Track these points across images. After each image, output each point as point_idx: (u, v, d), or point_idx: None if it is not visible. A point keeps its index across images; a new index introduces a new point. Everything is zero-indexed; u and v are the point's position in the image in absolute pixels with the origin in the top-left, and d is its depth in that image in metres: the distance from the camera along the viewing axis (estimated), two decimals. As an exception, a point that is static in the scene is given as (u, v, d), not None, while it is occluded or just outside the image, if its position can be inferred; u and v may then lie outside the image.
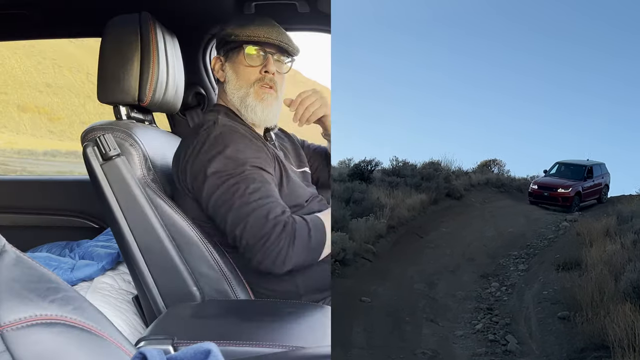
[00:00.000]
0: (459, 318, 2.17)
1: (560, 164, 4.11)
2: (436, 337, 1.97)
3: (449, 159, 4.21)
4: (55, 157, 12.01)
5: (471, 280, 2.57)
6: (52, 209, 2.46)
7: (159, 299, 1.42)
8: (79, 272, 1.76)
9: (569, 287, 2.20)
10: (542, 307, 2.23)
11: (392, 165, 3.79)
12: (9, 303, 0.63)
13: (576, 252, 2.67)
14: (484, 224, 3.52)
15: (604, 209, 3.65)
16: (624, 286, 2.03)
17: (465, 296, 2.39)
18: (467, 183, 4.17)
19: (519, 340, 1.96)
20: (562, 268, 2.55)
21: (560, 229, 3.42)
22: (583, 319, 1.93)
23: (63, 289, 0.69)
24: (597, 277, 2.17)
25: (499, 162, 4.89)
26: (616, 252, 2.44)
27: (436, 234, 3.17)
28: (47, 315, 0.64)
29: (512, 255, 2.97)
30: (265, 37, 1.52)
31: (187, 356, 0.54)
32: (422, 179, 3.74)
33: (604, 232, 2.87)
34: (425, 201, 3.45)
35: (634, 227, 2.78)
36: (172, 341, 1.06)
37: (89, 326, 0.67)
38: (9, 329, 0.62)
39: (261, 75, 1.53)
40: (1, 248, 0.69)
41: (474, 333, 2.04)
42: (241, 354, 1.02)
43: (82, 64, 16.86)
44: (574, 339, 1.89)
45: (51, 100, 16.66)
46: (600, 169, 4.11)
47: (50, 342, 0.63)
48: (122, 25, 1.48)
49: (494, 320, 2.14)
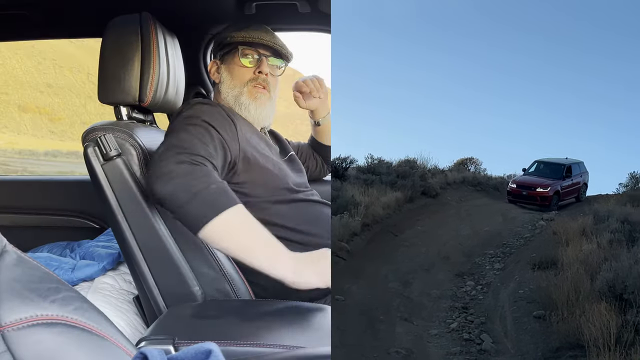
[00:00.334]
0: (434, 317, 2.15)
1: (539, 162, 4.10)
2: (410, 336, 1.95)
3: (425, 157, 4.18)
4: (56, 158, 12.03)
5: (446, 279, 2.55)
6: (53, 209, 2.46)
7: (160, 299, 1.42)
8: (79, 272, 1.76)
9: (544, 286, 2.19)
10: (517, 306, 2.21)
11: (367, 163, 3.77)
12: (10, 303, 0.63)
13: (552, 251, 2.65)
14: (459, 222, 3.48)
15: (580, 208, 3.63)
16: (600, 285, 2.02)
17: (440, 295, 2.37)
18: (443, 181, 4.13)
19: (494, 339, 1.95)
20: (538, 267, 2.53)
21: (536, 227, 3.40)
22: (558, 318, 1.92)
23: (64, 289, 0.70)
24: (573, 276, 2.16)
25: (476, 161, 4.86)
26: (592, 251, 2.43)
27: (411, 232, 3.13)
28: (48, 315, 0.65)
29: (487, 254, 2.95)
30: (259, 39, 1.57)
31: (188, 356, 0.54)
32: (397, 177, 3.71)
33: (581, 232, 2.86)
34: (401, 199, 3.41)
35: (611, 226, 2.77)
36: (172, 341, 1.06)
37: (90, 326, 0.67)
38: (10, 329, 0.62)
39: (255, 75, 1.58)
40: (2, 248, 0.69)
41: (449, 332, 2.02)
42: (242, 354, 1.02)
43: (82, 64, 16.88)
44: (549, 338, 1.88)
45: (52, 101, 16.67)
46: (579, 168, 4.10)
47: (51, 342, 0.63)
48: (122, 25, 1.48)
49: (469, 319, 2.12)
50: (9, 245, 0.71)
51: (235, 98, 1.58)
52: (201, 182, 1.24)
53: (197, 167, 1.27)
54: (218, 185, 1.26)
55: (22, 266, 0.69)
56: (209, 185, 1.24)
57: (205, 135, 1.37)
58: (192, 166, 1.27)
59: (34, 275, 0.69)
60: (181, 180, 1.23)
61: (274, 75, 1.62)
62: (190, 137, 1.35)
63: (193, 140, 1.34)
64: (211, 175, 1.28)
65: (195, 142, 1.34)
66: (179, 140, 1.33)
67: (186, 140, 1.33)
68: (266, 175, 1.50)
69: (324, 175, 2.01)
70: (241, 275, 1.45)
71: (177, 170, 1.25)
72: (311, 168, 1.94)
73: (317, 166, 1.97)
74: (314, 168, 1.96)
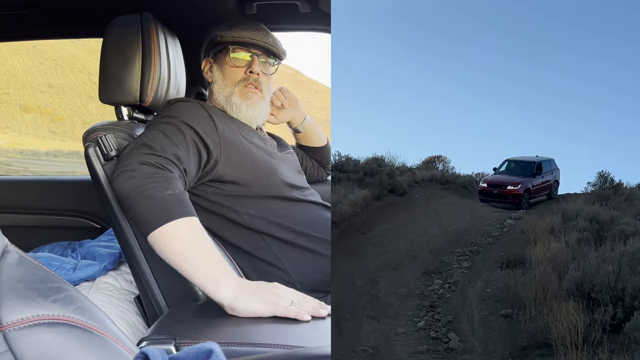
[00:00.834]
0: (401, 315, 2.15)
1: (509, 161, 4.10)
2: (377, 334, 1.94)
3: (393, 155, 4.16)
4: (58, 158, 12.05)
5: (414, 277, 2.55)
6: (55, 209, 2.47)
7: (161, 299, 1.42)
8: (81, 272, 1.76)
9: (512, 285, 2.20)
10: (485, 304, 2.21)
11: (334, 160, 3.75)
12: (11, 303, 0.64)
13: (520, 249, 2.66)
14: (427, 220, 3.48)
15: (549, 207, 3.62)
16: (568, 284, 2.03)
17: (408, 293, 2.36)
18: (411, 179, 4.11)
19: (461, 337, 1.94)
20: (506, 266, 2.54)
21: (504, 226, 3.40)
22: (526, 316, 1.92)
23: (65, 289, 0.70)
24: (540, 275, 2.16)
25: (444, 159, 4.84)
26: (560, 250, 2.43)
27: (379, 230, 3.11)
28: (50, 315, 0.65)
29: (455, 252, 2.94)
30: (250, 39, 1.56)
31: (189, 356, 0.54)
32: (365, 175, 3.69)
33: (549, 230, 2.87)
34: (368, 197, 3.39)
35: (579, 225, 2.78)
36: (174, 341, 1.06)
37: (91, 326, 0.68)
38: (11, 329, 0.62)
39: (246, 75, 1.57)
40: (4, 248, 0.70)
41: (416, 330, 2.01)
42: (243, 353, 1.02)
43: (83, 64, 16.90)
44: (516, 337, 1.88)
45: (53, 101, 16.69)
46: (549, 165, 4.09)
47: (53, 342, 0.63)
48: (123, 25, 1.48)
49: (436, 318, 2.12)
50: (10, 245, 0.71)
51: (226, 98, 1.57)
52: (158, 187, 1.21)
53: (158, 170, 1.25)
54: (175, 193, 1.22)
55: (24, 266, 0.69)
56: (165, 191, 1.21)
57: (178, 135, 1.36)
58: (153, 168, 1.24)
59: (35, 275, 0.69)
60: (138, 181, 1.21)
61: (266, 74, 1.61)
62: (161, 137, 1.34)
63: (163, 141, 1.32)
64: (171, 181, 1.24)
65: (165, 143, 1.31)
66: (150, 139, 1.32)
67: (156, 140, 1.32)
68: (257, 167, 1.49)
69: (322, 177, 2.01)
70: (242, 275, 1.45)
71: (138, 169, 1.23)
72: (309, 170, 1.94)
73: (314, 168, 1.97)
74: (312, 170, 1.96)
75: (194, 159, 1.37)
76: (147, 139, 1.33)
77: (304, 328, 1.16)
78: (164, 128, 1.37)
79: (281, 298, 1.17)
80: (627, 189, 3.75)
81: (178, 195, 1.22)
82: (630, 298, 1.88)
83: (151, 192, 1.20)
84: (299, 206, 1.54)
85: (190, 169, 1.35)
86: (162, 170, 1.25)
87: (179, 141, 1.35)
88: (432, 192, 4.15)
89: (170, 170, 1.27)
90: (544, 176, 4.01)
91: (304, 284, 1.47)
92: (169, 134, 1.35)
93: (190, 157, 1.36)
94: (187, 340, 1.07)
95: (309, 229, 1.50)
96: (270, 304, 1.16)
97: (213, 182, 1.45)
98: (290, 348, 1.04)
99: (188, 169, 1.34)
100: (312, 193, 1.63)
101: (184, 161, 1.32)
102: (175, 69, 1.60)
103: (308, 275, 1.48)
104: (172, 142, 1.33)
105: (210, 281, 1.18)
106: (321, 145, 1.94)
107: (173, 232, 1.18)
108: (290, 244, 1.48)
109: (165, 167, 1.26)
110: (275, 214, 1.48)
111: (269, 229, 1.47)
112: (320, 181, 2.00)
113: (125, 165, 1.26)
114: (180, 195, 1.23)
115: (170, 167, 1.27)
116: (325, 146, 1.95)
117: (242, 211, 1.46)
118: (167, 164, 1.27)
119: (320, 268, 1.49)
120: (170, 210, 1.19)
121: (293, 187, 1.56)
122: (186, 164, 1.33)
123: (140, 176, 1.22)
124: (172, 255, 1.19)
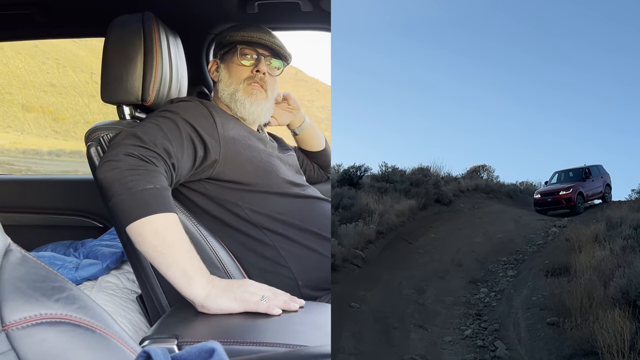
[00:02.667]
0: (448, 324, 2.15)
1: (558, 172, 4.17)
2: (425, 343, 1.94)
3: (438, 165, 4.20)
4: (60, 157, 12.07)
5: (460, 286, 2.55)
6: (57, 208, 2.47)
7: (163, 298, 1.42)
8: (83, 272, 1.77)
9: (557, 293, 2.19)
10: (531, 312, 2.20)
11: (381, 171, 3.79)
12: (14, 302, 0.64)
13: (565, 257, 2.65)
14: (473, 229, 3.48)
15: (593, 215, 3.62)
16: (613, 292, 2.01)
17: (454, 302, 2.37)
18: (456, 189, 4.15)
19: (507, 346, 1.94)
20: (551, 274, 2.53)
21: (549, 234, 3.39)
22: (572, 324, 1.91)
23: (68, 288, 0.70)
24: (586, 282, 2.15)
25: (488, 168, 4.88)
26: (605, 258, 2.41)
27: (425, 239, 3.13)
28: (52, 314, 0.65)
29: (501, 261, 2.94)
30: (258, 38, 1.58)
31: (191, 355, 0.54)
32: (411, 185, 3.72)
33: (593, 238, 2.84)
34: (414, 207, 3.42)
35: (623, 233, 2.76)
36: (176, 340, 1.06)
37: (94, 325, 0.68)
38: (14, 328, 0.62)
39: (252, 74, 1.59)
40: (6, 247, 0.70)
41: (463, 339, 2.02)
42: (245, 352, 1.03)
43: (86, 63, 16.91)
44: (562, 345, 1.87)
45: (55, 100, 16.71)
46: (598, 170, 4.13)
47: (55, 341, 0.64)
48: (125, 25, 1.48)
49: (482, 326, 2.12)
50: (13, 245, 0.71)
51: (231, 95, 1.58)
52: (140, 180, 1.20)
53: (143, 164, 1.23)
54: (156, 187, 1.21)
55: (26, 265, 0.69)
56: (147, 185, 1.20)
57: (172, 130, 1.35)
58: (139, 161, 1.24)
59: (38, 274, 0.69)
60: (121, 172, 1.21)
61: (272, 75, 1.63)
62: (154, 129, 1.33)
63: (156, 134, 1.31)
64: (154, 175, 1.23)
65: (157, 136, 1.31)
66: (142, 131, 1.31)
67: (148, 133, 1.31)
68: (257, 167, 1.49)
69: (322, 179, 2.01)
70: (244, 274, 1.45)
71: (123, 160, 1.22)
72: (309, 172, 1.94)
73: (314, 171, 1.97)
74: (312, 173, 1.96)
75: (188, 154, 1.37)
76: (140, 130, 1.32)
77: (305, 327, 1.16)
78: (159, 121, 1.37)
79: (252, 294, 1.20)
80: (672, 196, 3.72)
81: (159, 190, 1.22)
82: (676, 305, 1.87)
83: (132, 184, 1.19)
84: (300, 202, 1.54)
85: (181, 165, 1.34)
86: (146, 163, 1.24)
87: (173, 135, 1.34)
88: (477, 201, 4.19)
89: (155, 164, 1.26)
90: (595, 180, 4.05)
91: (306, 283, 1.47)
92: (164, 127, 1.35)
93: (184, 153, 1.35)
94: (190, 339, 1.07)
95: (312, 225, 1.51)
96: (240, 301, 1.19)
97: (212, 179, 1.45)
98: (292, 347, 1.04)
99: (178, 164, 1.33)
100: (311, 188, 1.64)
101: (174, 156, 1.31)
102: (177, 69, 1.60)
103: (311, 273, 1.48)
104: (165, 136, 1.32)
105: (182, 277, 1.19)
106: (319, 149, 1.94)
107: (149, 226, 1.19)
108: (294, 242, 1.48)
109: (150, 160, 1.25)
110: (278, 210, 1.49)
111: (272, 225, 1.47)
112: (320, 182, 2.00)
113: (111, 155, 1.25)
114: (161, 190, 1.23)
115: (156, 160, 1.27)
116: (324, 150, 1.95)
117: (245, 206, 1.46)
118: (153, 157, 1.26)
119: (322, 267, 1.49)
120: (149, 205, 1.19)
121: (293, 184, 1.56)
122: (177, 159, 1.32)
123: (123, 167, 1.21)
124: (147, 248, 1.20)
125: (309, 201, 1.56)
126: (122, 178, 1.20)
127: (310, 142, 1.92)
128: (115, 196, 1.20)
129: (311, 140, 1.91)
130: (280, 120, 1.82)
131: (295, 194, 1.54)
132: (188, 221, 1.41)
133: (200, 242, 1.40)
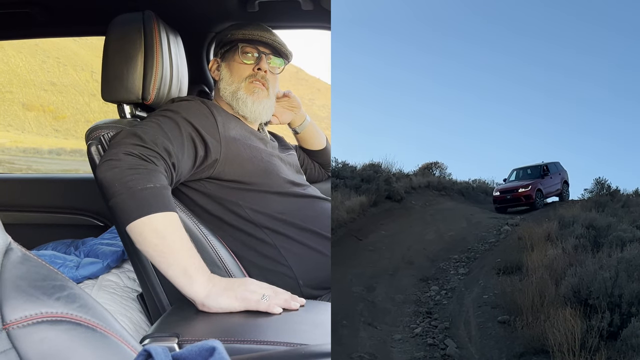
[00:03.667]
0: (398, 322, 2.13)
1: (516, 170, 4.20)
2: (374, 341, 1.92)
3: (390, 161, 4.17)
4: (60, 156, 12.07)
5: (410, 284, 2.53)
6: (57, 207, 2.47)
7: (164, 297, 1.43)
8: (84, 270, 1.77)
9: (509, 292, 2.19)
10: (482, 311, 2.20)
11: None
12: (15, 301, 0.64)
13: (517, 256, 2.65)
14: (424, 227, 3.45)
15: (545, 214, 3.63)
16: (565, 291, 2.02)
17: (405, 300, 2.34)
18: (408, 185, 4.12)
19: (458, 344, 1.93)
20: (502, 272, 2.53)
21: (501, 232, 3.39)
22: (523, 323, 1.91)
23: (69, 287, 0.70)
24: (537, 281, 2.15)
25: (441, 165, 4.87)
26: (557, 256, 2.41)
27: (375, 236, 3.10)
28: (53, 312, 0.65)
29: (452, 258, 2.92)
30: (259, 36, 1.59)
31: (191, 354, 0.54)
32: (361, 181, 3.68)
33: (546, 237, 2.85)
34: (365, 203, 3.38)
35: (575, 232, 2.77)
36: (177, 339, 1.06)
37: (95, 324, 0.68)
38: (15, 326, 0.62)
39: (254, 72, 1.59)
40: (7, 246, 0.70)
41: (413, 337, 2.00)
42: (245, 351, 1.03)
43: (86, 62, 16.90)
44: (513, 343, 1.87)
45: (56, 99, 16.71)
46: (556, 167, 4.16)
47: (56, 340, 0.64)
48: (125, 24, 1.48)
49: (433, 324, 2.10)
50: (13, 243, 0.71)
51: (232, 93, 1.58)
52: (141, 179, 1.20)
53: (143, 163, 1.23)
54: (155, 187, 1.21)
55: (27, 264, 0.69)
56: (147, 184, 1.20)
57: (173, 129, 1.35)
58: (139, 160, 1.23)
59: (38, 273, 0.69)
60: (121, 172, 1.20)
61: (273, 74, 1.63)
62: (155, 129, 1.33)
63: (156, 133, 1.31)
64: (154, 175, 1.23)
65: (158, 136, 1.30)
66: (142, 131, 1.31)
67: (148, 132, 1.31)
68: (257, 167, 1.49)
69: (322, 177, 2.01)
70: (244, 272, 1.45)
71: (123, 159, 1.22)
72: (310, 171, 1.94)
73: (314, 170, 1.97)
74: (313, 171, 1.96)
75: (189, 154, 1.37)
76: (140, 129, 1.32)
77: (306, 326, 1.16)
78: (160, 120, 1.37)
79: (252, 293, 1.20)
80: (624, 195, 3.75)
81: (159, 190, 1.22)
82: (627, 304, 1.87)
83: (132, 184, 1.19)
84: (301, 201, 1.54)
85: (182, 164, 1.34)
86: (146, 163, 1.24)
87: (174, 135, 1.34)
88: (428, 198, 4.16)
89: (155, 163, 1.26)
90: (553, 177, 4.07)
91: (307, 282, 1.47)
92: (164, 126, 1.35)
93: (184, 152, 1.35)
94: (190, 338, 1.07)
95: (313, 225, 1.51)
96: (241, 300, 1.19)
97: (212, 179, 1.45)
98: (292, 345, 1.04)
99: (179, 163, 1.33)
100: (311, 188, 1.64)
101: (174, 155, 1.31)
102: (177, 67, 1.60)
103: (311, 272, 1.48)
104: (165, 135, 1.32)
105: (182, 276, 1.19)
106: (320, 148, 1.94)
107: (149, 226, 1.19)
108: (295, 241, 1.48)
109: (151, 160, 1.25)
110: (279, 209, 1.49)
111: (272, 224, 1.47)
112: (320, 181, 2.00)
113: (111, 154, 1.25)
114: (161, 189, 1.23)
115: (156, 160, 1.26)
116: (325, 149, 1.96)
117: (246, 206, 1.46)
118: (154, 157, 1.26)
119: (323, 266, 1.49)
120: (148, 204, 1.19)
121: (294, 183, 1.56)
122: (177, 158, 1.32)
123: (123, 167, 1.21)
124: (147, 248, 1.20)
125: (309, 200, 1.56)
126: (122, 177, 1.20)
127: (311, 140, 1.92)
128: (115, 195, 1.20)
129: (312, 139, 1.91)
130: (282, 118, 1.82)
131: (295, 194, 1.54)
132: (189, 220, 1.41)
133: (200, 241, 1.40)
